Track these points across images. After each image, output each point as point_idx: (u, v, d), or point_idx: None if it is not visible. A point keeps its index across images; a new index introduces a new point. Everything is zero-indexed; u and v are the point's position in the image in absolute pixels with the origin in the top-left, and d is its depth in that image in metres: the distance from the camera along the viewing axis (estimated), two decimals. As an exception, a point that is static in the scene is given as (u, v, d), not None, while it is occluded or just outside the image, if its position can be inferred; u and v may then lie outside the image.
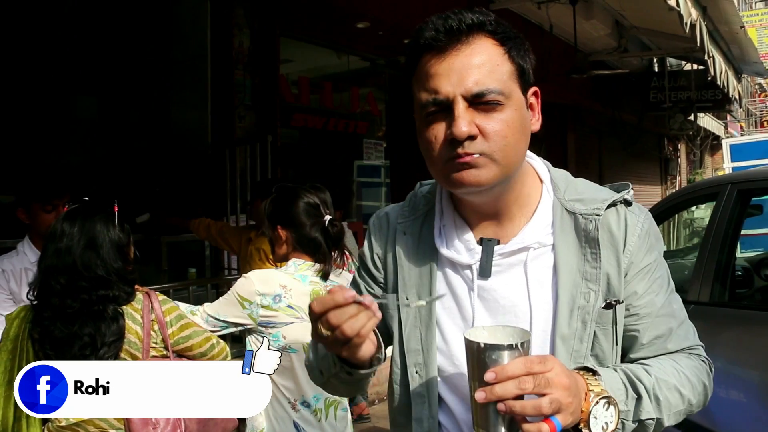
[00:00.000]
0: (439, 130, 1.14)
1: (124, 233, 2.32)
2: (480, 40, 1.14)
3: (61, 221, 2.27)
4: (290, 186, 2.72)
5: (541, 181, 1.28)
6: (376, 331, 1.13)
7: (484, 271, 1.21)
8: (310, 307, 1.04)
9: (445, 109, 1.13)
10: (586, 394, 1.04)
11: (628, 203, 1.25)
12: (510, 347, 0.99)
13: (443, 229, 1.28)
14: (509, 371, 0.97)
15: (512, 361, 0.98)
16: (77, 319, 2.16)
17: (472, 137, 1.11)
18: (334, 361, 1.16)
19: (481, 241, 1.23)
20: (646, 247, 1.23)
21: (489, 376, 0.97)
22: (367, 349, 1.09)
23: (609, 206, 1.22)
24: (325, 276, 2.55)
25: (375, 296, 1.15)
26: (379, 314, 1.04)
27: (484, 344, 1.00)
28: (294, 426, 2.45)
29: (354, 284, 1.41)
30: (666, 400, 1.16)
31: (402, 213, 1.34)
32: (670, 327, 1.24)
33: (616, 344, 1.21)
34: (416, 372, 1.24)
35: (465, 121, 1.10)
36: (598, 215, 1.21)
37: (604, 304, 1.18)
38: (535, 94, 1.22)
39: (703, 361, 1.28)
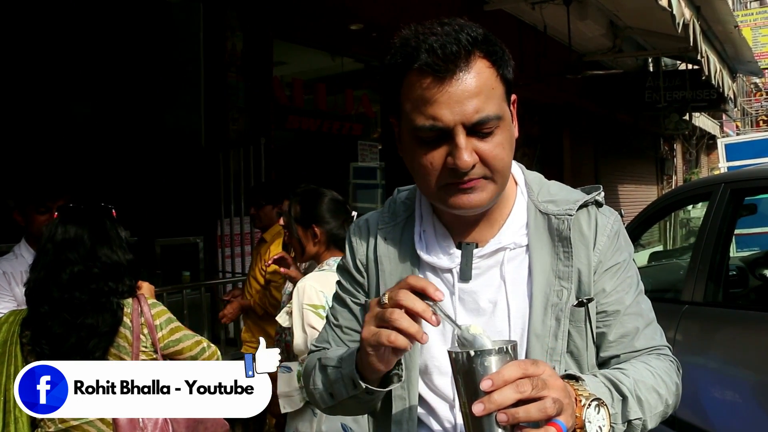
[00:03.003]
0: (435, 157, 1.14)
1: (126, 233, 2.36)
2: (476, 64, 1.12)
3: (60, 224, 2.27)
4: (314, 187, 2.77)
5: (516, 183, 1.31)
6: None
7: (465, 275, 1.23)
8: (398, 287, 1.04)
9: (442, 136, 1.12)
10: (576, 399, 1.02)
11: (599, 204, 1.28)
12: (500, 351, 0.95)
13: (423, 234, 1.30)
14: (506, 375, 0.92)
15: (506, 365, 0.94)
16: (83, 311, 2.16)
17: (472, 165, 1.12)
18: (354, 382, 1.15)
19: (459, 245, 1.24)
20: (615, 247, 1.26)
21: (486, 384, 0.92)
22: (392, 359, 1.09)
23: (581, 207, 1.25)
24: None
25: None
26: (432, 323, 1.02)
27: (475, 352, 0.95)
28: (342, 427, 2.49)
29: (337, 299, 1.41)
30: (647, 401, 1.17)
31: (382, 219, 1.36)
32: (637, 326, 1.26)
33: (591, 342, 1.23)
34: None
35: (468, 152, 1.11)
36: (570, 215, 1.23)
37: (576, 302, 1.21)
38: (513, 102, 1.23)
39: (671, 361, 1.29)
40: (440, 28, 1.13)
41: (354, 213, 2.68)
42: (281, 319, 2.81)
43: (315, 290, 2.44)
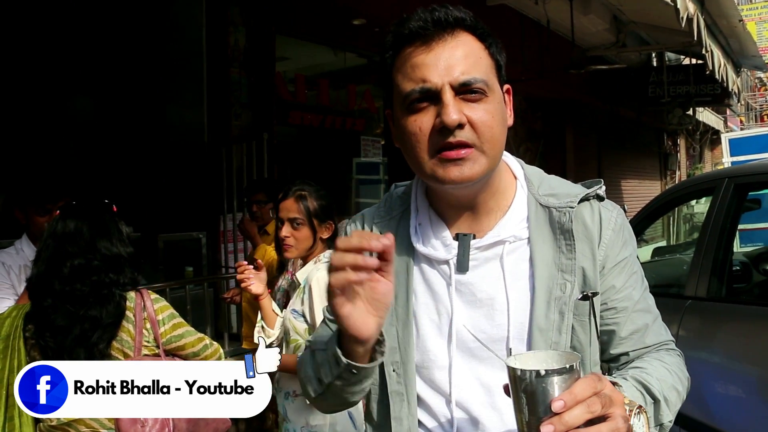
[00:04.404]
0: (424, 121, 1.14)
1: (128, 228, 2.38)
2: (463, 35, 1.16)
3: (61, 219, 2.29)
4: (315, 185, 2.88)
5: (515, 177, 1.30)
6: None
7: (462, 266, 1.22)
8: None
9: (431, 99, 1.14)
10: None
11: (600, 198, 1.27)
12: (571, 369, 0.90)
13: (419, 227, 1.28)
14: (578, 395, 0.88)
15: (577, 384, 0.89)
16: (85, 303, 2.18)
17: (461, 125, 1.12)
18: (337, 359, 1.12)
19: (457, 237, 1.23)
20: (621, 242, 1.24)
21: (558, 404, 0.87)
22: (366, 319, 1.04)
23: (582, 201, 1.24)
24: None
25: None
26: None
27: (546, 371, 0.89)
28: (348, 416, 2.56)
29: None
30: (672, 401, 1.16)
31: (378, 214, 1.35)
32: (646, 322, 1.25)
33: (595, 337, 1.22)
34: (393, 370, 1.24)
35: (455, 108, 1.12)
36: (572, 207, 1.22)
37: (580, 295, 1.19)
38: (507, 91, 1.25)
39: (678, 355, 1.28)
40: (431, 7, 1.17)
41: None
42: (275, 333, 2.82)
43: None
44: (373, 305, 1.05)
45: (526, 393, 0.91)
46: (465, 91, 1.13)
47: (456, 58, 1.14)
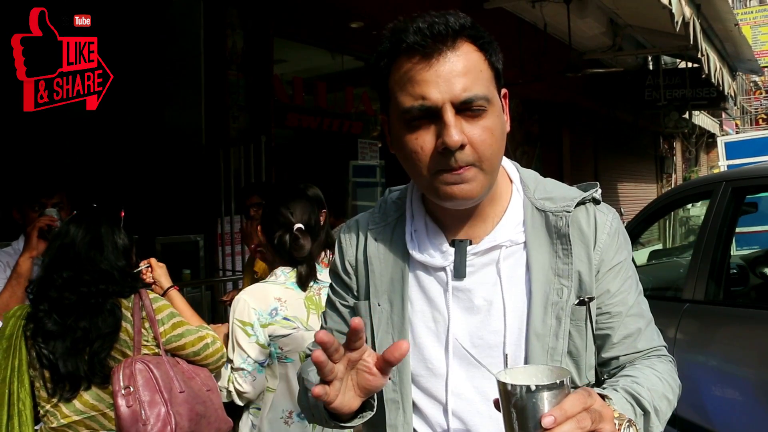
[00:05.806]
0: (425, 139, 1.13)
1: (128, 238, 2.39)
2: (463, 46, 1.13)
3: (68, 223, 2.34)
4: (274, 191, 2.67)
5: (511, 181, 1.29)
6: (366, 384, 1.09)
7: (459, 272, 1.21)
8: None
9: (430, 116, 1.12)
10: None
11: (596, 202, 1.27)
12: (561, 385, 0.90)
13: (414, 233, 1.28)
14: (568, 410, 0.88)
15: (567, 400, 0.89)
16: (73, 312, 2.19)
17: (462, 146, 1.10)
18: (324, 417, 1.15)
19: (453, 243, 1.23)
20: (617, 246, 1.24)
21: (548, 420, 0.87)
22: (353, 402, 1.08)
23: (578, 204, 1.24)
24: (301, 284, 2.46)
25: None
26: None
27: (536, 386, 0.89)
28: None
29: (328, 301, 1.40)
30: (662, 411, 1.16)
31: (372, 219, 1.34)
32: (639, 327, 1.25)
33: (592, 342, 1.21)
34: (389, 378, 1.22)
35: (457, 129, 1.10)
36: (569, 212, 1.22)
37: (577, 300, 1.18)
38: (504, 96, 1.23)
39: (670, 361, 1.28)
40: (429, 17, 1.14)
41: (297, 225, 2.47)
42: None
43: (248, 306, 2.38)
44: (363, 392, 1.08)
45: (516, 408, 0.91)
46: (466, 108, 1.11)
47: (456, 74, 1.10)
